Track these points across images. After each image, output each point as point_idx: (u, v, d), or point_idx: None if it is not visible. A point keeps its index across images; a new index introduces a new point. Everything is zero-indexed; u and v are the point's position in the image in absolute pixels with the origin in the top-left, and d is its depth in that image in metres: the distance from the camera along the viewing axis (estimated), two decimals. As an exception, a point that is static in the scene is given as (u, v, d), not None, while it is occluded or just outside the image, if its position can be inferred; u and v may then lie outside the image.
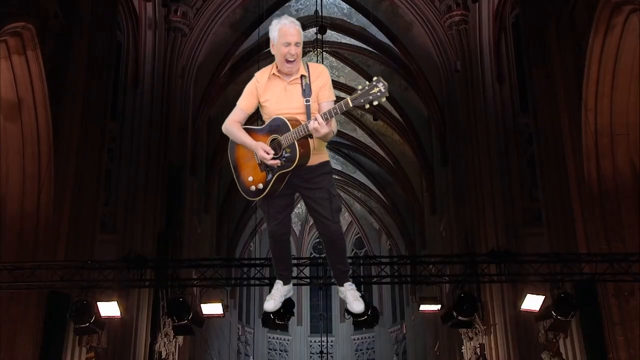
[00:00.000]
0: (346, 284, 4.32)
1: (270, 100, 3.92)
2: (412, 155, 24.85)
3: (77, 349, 11.97)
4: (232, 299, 26.60)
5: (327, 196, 3.95)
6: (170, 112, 18.07)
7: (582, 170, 11.26)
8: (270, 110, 3.92)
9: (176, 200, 18.20)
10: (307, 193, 3.97)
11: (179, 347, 17.33)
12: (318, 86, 3.89)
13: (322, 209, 3.95)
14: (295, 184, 3.91)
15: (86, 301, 11.13)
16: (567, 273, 10.93)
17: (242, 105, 4.04)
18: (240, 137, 3.90)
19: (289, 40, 3.81)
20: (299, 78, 3.88)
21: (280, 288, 4.40)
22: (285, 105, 3.87)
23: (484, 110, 16.86)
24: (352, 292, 4.31)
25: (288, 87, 3.89)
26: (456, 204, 19.07)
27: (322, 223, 4.00)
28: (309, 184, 3.93)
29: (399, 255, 23.58)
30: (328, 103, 3.88)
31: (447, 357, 19.76)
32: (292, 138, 3.72)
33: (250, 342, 31.93)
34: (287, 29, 3.82)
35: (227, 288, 13.02)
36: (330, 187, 3.99)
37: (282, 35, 3.83)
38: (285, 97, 3.88)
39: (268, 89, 3.94)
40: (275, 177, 3.80)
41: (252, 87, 4.00)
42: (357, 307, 4.28)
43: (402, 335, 31.68)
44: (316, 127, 3.62)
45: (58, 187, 11.98)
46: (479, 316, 15.17)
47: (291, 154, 3.73)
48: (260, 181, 3.85)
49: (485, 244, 15.44)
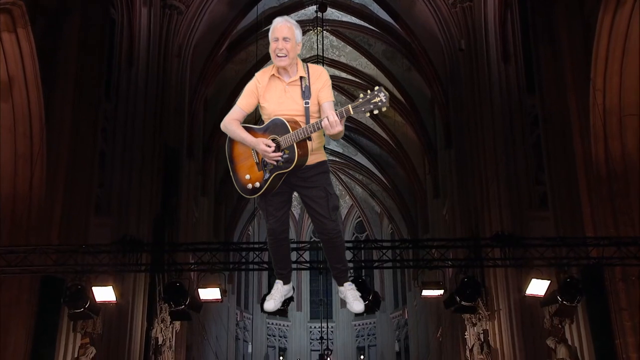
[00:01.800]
0: (346, 284, 4.43)
1: (269, 101, 4.04)
2: (415, 137, 24.80)
3: (71, 335, 12.00)
4: (230, 283, 26.63)
5: (324, 194, 4.08)
6: (166, 92, 17.96)
7: (590, 151, 11.20)
8: (269, 111, 4.04)
9: (172, 182, 18.15)
10: (304, 191, 4.10)
11: (175, 333, 17.36)
12: (317, 88, 4.02)
13: (319, 207, 4.08)
14: (293, 182, 4.05)
15: (81, 286, 11.14)
16: (574, 257, 10.92)
17: (242, 105, 4.13)
18: (240, 135, 4.00)
19: (276, 35, 3.98)
20: (298, 80, 4.01)
21: (280, 288, 4.50)
22: (285, 106, 4.00)
23: (489, 90, 16.76)
24: (352, 292, 4.41)
25: (288, 88, 4.02)
26: (460, 186, 19.03)
27: (320, 221, 4.13)
28: (306, 183, 4.06)
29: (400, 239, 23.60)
30: (329, 103, 4.01)
31: (450, 343, 19.80)
32: (291, 140, 3.85)
33: (249, 328, 32.03)
34: (277, 25, 4.00)
35: (225, 272, 13.05)
36: (327, 185, 4.12)
37: (272, 32, 4.01)
38: (285, 99, 4.01)
39: (268, 89, 4.06)
40: (272, 177, 3.93)
41: (253, 86, 4.11)
42: (357, 307, 4.39)
43: (403, 321, 31.80)
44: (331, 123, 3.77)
45: (51, 169, 11.94)
46: (482, 301, 15.19)
47: (290, 155, 3.86)
48: (257, 180, 3.98)
49: (490, 228, 15.41)
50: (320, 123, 3.83)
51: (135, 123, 16.81)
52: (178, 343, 17.88)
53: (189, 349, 19.74)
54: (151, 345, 16.00)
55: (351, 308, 4.43)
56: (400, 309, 32.36)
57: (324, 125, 3.79)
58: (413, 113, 24.37)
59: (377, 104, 3.72)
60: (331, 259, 4.37)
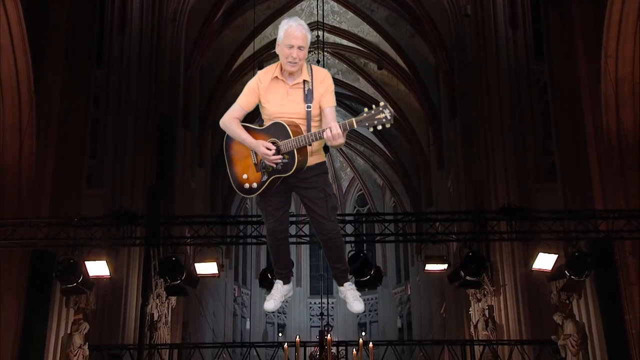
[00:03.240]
0: (346, 284, 4.53)
1: (271, 103, 4.11)
2: (419, 107, 24.69)
3: (64, 310, 12.01)
4: (228, 258, 26.70)
5: (322, 195, 4.18)
6: (160, 58, 17.83)
7: (601, 121, 11.12)
8: (270, 112, 4.12)
9: (168, 153, 18.05)
10: (303, 192, 4.20)
11: (171, 309, 17.42)
12: (320, 92, 4.09)
13: (318, 208, 4.19)
14: (292, 183, 4.15)
15: (73, 260, 11.12)
16: (582, 230, 10.90)
17: (242, 103, 4.19)
18: (239, 135, 4.08)
19: (292, 43, 3.99)
20: (301, 83, 4.07)
21: (280, 288, 4.58)
22: (286, 109, 4.07)
23: (496, 57, 16.62)
24: (352, 292, 4.52)
25: (290, 91, 4.08)
26: (465, 158, 18.99)
27: (319, 222, 4.23)
28: (305, 184, 4.15)
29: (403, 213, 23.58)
30: (331, 109, 4.12)
31: (454, 319, 19.89)
32: (291, 146, 3.94)
33: (247, 303, 32.18)
34: (292, 30, 4.01)
35: (222, 247, 13.03)
36: (326, 186, 4.22)
37: (286, 36, 4.02)
38: (287, 101, 4.08)
39: (270, 90, 4.12)
40: (270, 179, 4.04)
41: (254, 85, 4.16)
42: (357, 307, 4.50)
43: (406, 297, 31.94)
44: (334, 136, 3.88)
45: (41, 139, 11.87)
46: (487, 276, 15.20)
47: (289, 160, 3.97)
48: (254, 180, 4.08)
49: (496, 200, 15.40)
50: (322, 133, 3.92)
51: (129, 91, 16.72)
52: (174, 319, 17.96)
53: (185, 325, 19.83)
54: (146, 322, 16.03)
55: (351, 308, 4.53)
56: (403, 285, 32.49)
57: (326, 136, 3.89)
58: (417, 82, 24.24)
59: (381, 120, 3.80)
60: (331, 259, 4.46)
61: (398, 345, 17.53)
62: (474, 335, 16.22)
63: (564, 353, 12.12)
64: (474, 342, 15.42)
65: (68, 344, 12.02)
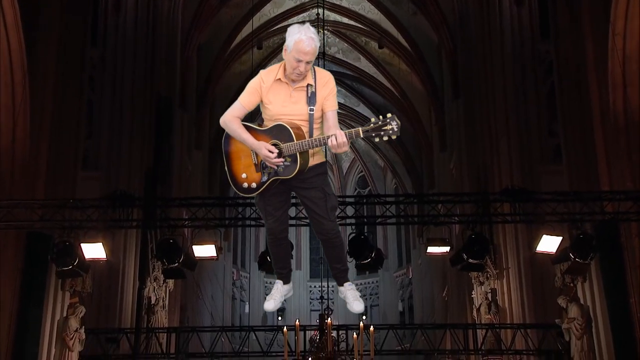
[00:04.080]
0: (346, 284, 4.63)
1: (273, 103, 4.16)
2: (421, 87, 24.60)
3: (59, 294, 12.02)
4: (226, 241, 26.75)
5: (322, 195, 4.24)
6: (156, 37, 17.74)
7: (607, 101, 11.07)
8: (272, 112, 4.16)
9: (165, 134, 18.02)
10: (302, 192, 4.26)
11: (169, 292, 17.46)
12: (323, 95, 4.14)
13: (318, 208, 4.25)
14: (291, 183, 4.20)
15: (69, 242, 11.12)
16: (587, 212, 10.89)
17: (244, 102, 4.22)
18: (241, 135, 4.13)
19: (301, 58, 4.03)
20: (305, 86, 4.13)
21: (280, 288, 4.68)
22: (289, 110, 4.12)
23: (500, 36, 16.54)
24: (352, 292, 4.61)
25: (293, 93, 4.13)
26: (468, 139, 18.94)
27: (318, 221, 4.31)
28: (305, 184, 4.21)
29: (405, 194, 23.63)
30: (333, 112, 4.16)
31: (456, 303, 19.94)
32: (294, 149, 3.99)
33: (246, 287, 32.24)
34: (304, 46, 4.02)
35: (220, 229, 13.03)
36: (325, 186, 4.29)
37: (297, 49, 4.03)
38: (290, 103, 4.13)
39: (272, 91, 4.16)
40: (269, 180, 4.10)
41: (257, 85, 4.19)
42: (357, 307, 4.59)
43: (407, 280, 32.01)
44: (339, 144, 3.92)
45: (35, 120, 11.82)
46: (490, 259, 15.23)
47: (291, 163, 4.02)
48: (254, 181, 4.14)
49: (499, 182, 15.39)
50: (327, 140, 3.96)
51: (125, 71, 16.65)
52: (172, 303, 18.00)
53: (183, 308, 19.89)
54: (143, 305, 16.08)
55: (351, 308, 4.62)
56: (404, 268, 32.55)
57: (331, 144, 3.93)
58: (419, 61, 24.13)
59: (387, 131, 3.87)
60: (330, 258, 4.55)
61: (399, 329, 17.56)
62: (477, 319, 16.27)
63: (568, 337, 12.16)
64: (476, 326, 15.48)
65: (64, 328, 12.05)
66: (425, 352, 15.03)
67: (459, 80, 20.20)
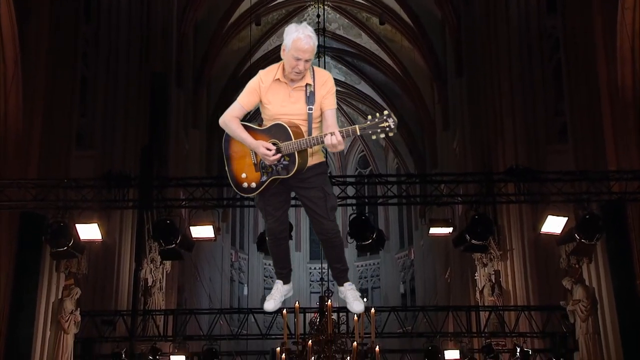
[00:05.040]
0: (346, 284, 4.71)
1: (272, 103, 4.25)
2: (423, 64, 24.51)
3: (54, 275, 12.03)
4: (224, 222, 26.75)
5: (322, 195, 4.34)
6: (151, 13, 17.64)
7: (616, 77, 10.99)
8: (271, 112, 4.25)
9: (161, 113, 18.00)
10: (302, 192, 4.36)
11: (166, 274, 17.51)
12: (322, 95, 4.24)
13: (318, 208, 4.35)
14: (291, 183, 4.30)
15: (63, 223, 11.07)
16: (594, 192, 10.85)
17: (243, 102, 4.31)
18: (240, 135, 4.22)
19: (300, 56, 4.12)
20: (303, 86, 4.23)
21: (280, 288, 4.76)
22: (288, 110, 4.22)
23: (505, 11, 16.43)
24: (352, 292, 4.70)
25: (292, 92, 4.23)
26: (471, 117, 18.90)
27: (318, 221, 4.40)
28: (304, 184, 4.30)
29: (407, 174, 23.57)
30: (331, 111, 4.25)
31: (459, 285, 19.99)
32: (292, 148, 4.08)
33: (245, 268, 32.31)
34: (302, 44, 4.11)
35: (218, 209, 12.99)
36: (325, 186, 4.39)
37: (295, 48, 4.12)
38: (289, 102, 4.22)
39: (271, 91, 4.26)
40: (269, 180, 4.19)
41: (255, 85, 4.29)
42: (357, 307, 4.68)
43: (409, 262, 32.07)
44: (335, 144, 4.02)
45: (27, 97, 11.76)
46: (494, 240, 15.23)
47: (289, 162, 4.12)
48: (253, 180, 4.23)
49: (503, 161, 15.35)
50: (323, 138, 4.06)
51: (119, 48, 16.56)
52: (169, 285, 18.06)
53: (180, 290, 19.95)
54: (140, 287, 16.15)
55: (351, 308, 4.72)
56: (406, 249, 32.60)
57: (327, 143, 4.02)
58: (421, 37, 24.01)
59: (384, 128, 3.94)
60: (330, 258, 4.66)
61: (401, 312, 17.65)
62: (480, 301, 16.32)
63: (572, 319, 12.19)
64: (479, 308, 15.52)
65: (59, 310, 12.08)
66: (427, 335, 15.07)
67: (462, 57, 20.10)
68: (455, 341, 15.20)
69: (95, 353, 14.26)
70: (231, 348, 17.49)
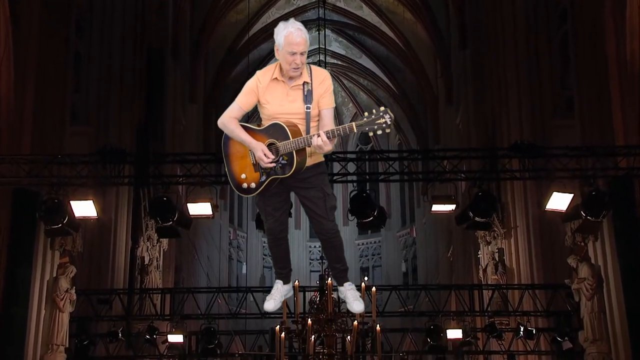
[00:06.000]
0: (346, 284, 4.80)
1: (270, 103, 4.34)
2: (426, 37, 24.39)
3: (49, 253, 12.04)
4: (223, 199, 26.75)
5: (321, 195, 4.43)
6: (147, -16, 17.52)
7: (624, 49, 10.92)
8: (269, 112, 4.34)
9: (157, 87, 17.95)
10: (301, 192, 4.45)
11: (163, 252, 17.54)
12: (319, 93, 4.32)
13: (317, 208, 4.44)
14: (290, 183, 4.39)
15: (57, 200, 11.06)
16: (600, 168, 10.84)
17: (241, 103, 4.41)
18: (239, 135, 4.32)
19: (294, 50, 4.19)
20: (301, 84, 4.31)
21: (280, 288, 4.86)
22: (286, 109, 4.30)
23: (511, -20, 16.33)
24: (352, 292, 4.79)
25: (290, 92, 4.31)
26: (475, 91, 18.83)
27: (318, 221, 4.49)
28: (304, 184, 4.40)
29: (409, 150, 23.58)
30: (328, 110, 4.34)
31: (462, 263, 20.04)
32: (290, 147, 4.17)
33: (243, 247, 32.40)
34: (293, 37, 4.19)
35: (216, 186, 12.97)
36: (324, 186, 4.48)
37: (288, 43, 4.21)
38: (287, 102, 4.30)
39: (269, 91, 4.34)
40: (268, 180, 4.28)
41: (253, 85, 4.37)
42: (357, 307, 4.78)
43: (411, 240, 32.14)
44: (320, 145, 4.10)
45: (19, 71, 11.71)
46: (498, 217, 15.24)
47: (288, 162, 4.21)
48: (253, 181, 4.32)
49: (508, 137, 15.33)
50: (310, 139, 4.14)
51: (114, 21, 16.46)
52: (166, 263, 18.10)
53: (178, 269, 20.00)
54: (137, 265, 16.20)
55: (351, 308, 4.83)
56: (408, 227, 32.65)
57: (313, 144, 4.11)
58: (424, 9, 23.88)
59: (381, 125, 4.10)
60: (330, 258, 4.76)
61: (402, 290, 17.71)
62: (483, 279, 16.36)
63: (577, 297, 12.22)
64: (482, 286, 15.57)
65: (54, 288, 12.11)
66: (429, 314, 15.13)
67: (466, 29, 19.99)
68: (458, 320, 15.26)
69: (92, 332, 14.34)
70: (230, 327, 17.57)
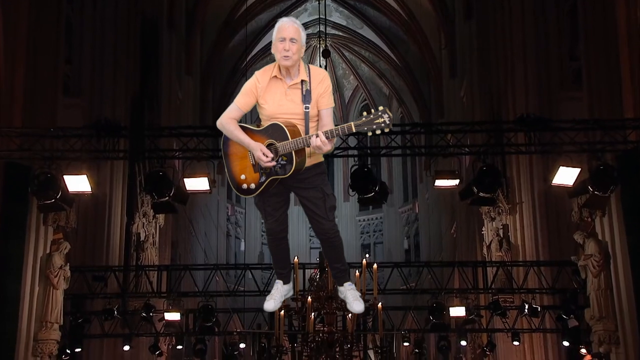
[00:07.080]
0: (346, 284, 4.89)
1: (269, 103, 4.41)
2: (429, 7, 24.25)
3: (42, 229, 12.03)
4: (220, 174, 26.67)
5: (321, 195, 4.51)
6: (141, -49, 17.37)
7: (635, 18, 10.85)
8: (268, 112, 4.41)
9: (152, 58, 17.86)
10: (301, 192, 4.53)
11: (159, 228, 17.56)
12: (318, 93, 4.39)
13: (316, 208, 4.53)
14: (290, 183, 4.46)
15: (50, 174, 11.02)
16: (609, 142, 10.80)
17: (240, 103, 4.48)
18: (238, 136, 4.39)
19: (283, 35, 4.30)
20: (299, 83, 4.38)
21: (280, 288, 4.93)
22: (284, 109, 4.37)
23: (518, -52, 16.19)
24: (352, 292, 4.88)
25: (288, 91, 4.38)
26: (480, 63, 18.76)
27: (317, 221, 4.58)
28: (303, 184, 4.48)
29: (411, 123, 23.50)
30: (327, 110, 4.41)
31: (465, 240, 20.08)
32: (289, 148, 4.24)
33: (241, 223, 32.47)
34: (283, 25, 4.34)
35: (213, 161, 12.97)
36: (324, 186, 4.55)
37: (278, 31, 4.33)
38: (285, 102, 4.37)
39: (268, 90, 4.41)
40: (268, 180, 4.36)
41: (252, 85, 4.45)
42: (358, 307, 4.86)
43: (414, 216, 32.19)
44: (319, 145, 4.17)
45: (9, 42, 11.64)
46: (502, 193, 15.24)
47: (287, 162, 4.29)
48: (252, 181, 4.41)
49: (514, 110, 15.29)
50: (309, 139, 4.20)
51: (106, -13, 16.35)
52: (162, 239, 18.13)
53: (174, 245, 20.04)
54: (132, 242, 16.22)
55: (351, 308, 4.91)
56: (410, 203, 32.69)
57: (312, 144, 4.18)
58: (428, -22, 23.72)
59: (379, 124, 4.09)
60: (330, 259, 4.85)
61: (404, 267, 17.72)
62: (487, 256, 16.40)
63: (584, 274, 12.24)
64: (486, 263, 15.60)
65: (48, 265, 12.11)
66: (432, 292, 15.18)
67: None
68: (461, 298, 15.33)
69: (87, 310, 14.38)
70: (228, 305, 17.63)
